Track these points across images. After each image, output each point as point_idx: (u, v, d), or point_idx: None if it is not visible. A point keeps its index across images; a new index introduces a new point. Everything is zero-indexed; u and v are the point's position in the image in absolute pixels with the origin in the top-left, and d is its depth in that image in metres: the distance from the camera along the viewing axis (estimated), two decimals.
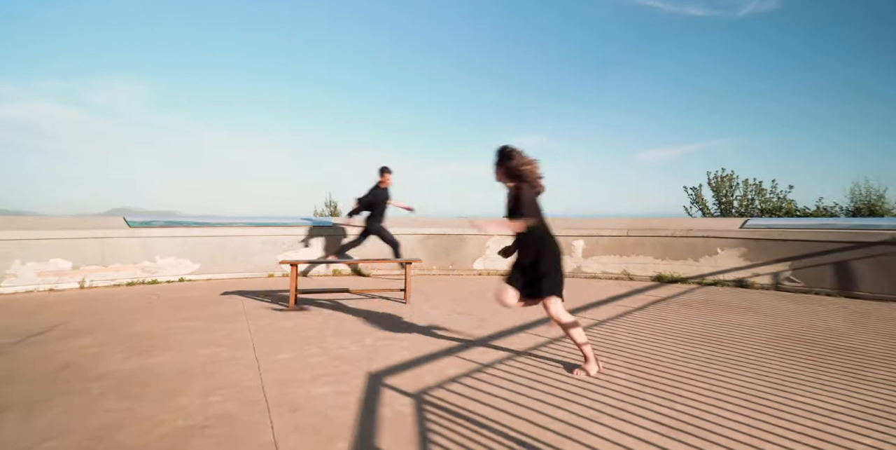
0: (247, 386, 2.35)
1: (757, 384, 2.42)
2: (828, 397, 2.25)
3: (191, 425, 1.90)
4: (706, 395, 2.28)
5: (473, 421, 2.00)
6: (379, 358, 2.88)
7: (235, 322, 3.76)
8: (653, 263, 6.20)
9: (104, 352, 2.89)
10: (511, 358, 2.91)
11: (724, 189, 9.17)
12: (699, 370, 2.65)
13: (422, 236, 6.99)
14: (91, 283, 5.33)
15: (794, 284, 5.21)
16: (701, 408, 2.12)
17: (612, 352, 3.02)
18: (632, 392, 2.33)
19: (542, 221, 2.82)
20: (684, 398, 2.24)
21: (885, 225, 4.89)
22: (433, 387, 2.40)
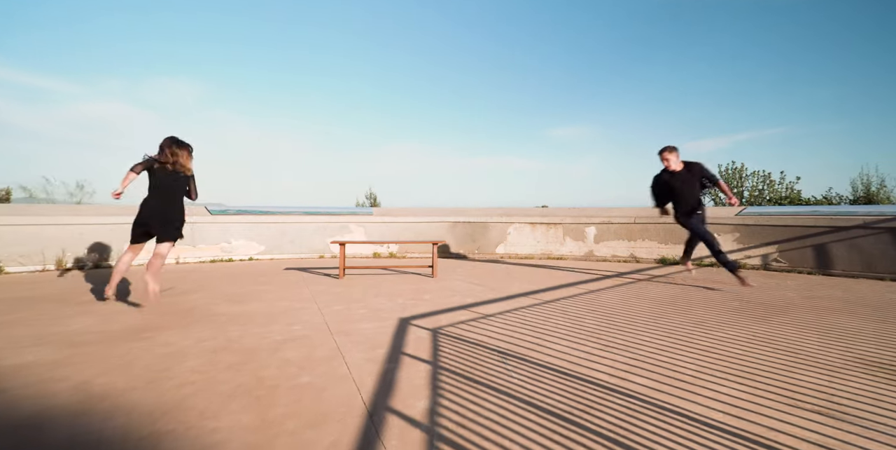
0: (315, 322, 3.37)
1: (692, 327, 3.20)
2: (736, 332, 3.01)
3: (284, 339, 2.92)
4: (648, 331, 3.08)
5: (470, 342, 2.91)
6: (408, 310, 3.83)
7: (299, 287, 4.84)
8: (657, 247, 6.85)
9: (213, 302, 4.02)
10: (509, 312, 3.78)
11: (735, 180, 9.55)
12: (650, 318, 3.44)
13: (450, 224, 7.92)
14: (184, 259, 6.63)
15: (780, 264, 5.76)
16: (638, 338, 2.94)
17: (590, 308, 3.84)
18: (593, 329, 3.17)
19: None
20: (631, 334, 3.05)
21: (860, 212, 5.39)
22: (446, 326, 3.32)
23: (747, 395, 2.07)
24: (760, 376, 2.29)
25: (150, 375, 2.24)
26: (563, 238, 7.56)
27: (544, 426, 1.77)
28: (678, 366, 2.45)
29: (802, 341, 2.90)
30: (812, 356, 2.61)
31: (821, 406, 1.95)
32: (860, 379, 2.26)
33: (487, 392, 2.10)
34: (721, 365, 2.46)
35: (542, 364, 2.48)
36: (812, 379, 2.26)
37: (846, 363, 2.50)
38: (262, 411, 1.86)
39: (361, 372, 2.34)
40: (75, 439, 1.64)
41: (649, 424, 1.79)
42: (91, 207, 6.74)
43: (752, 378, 2.27)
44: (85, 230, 5.97)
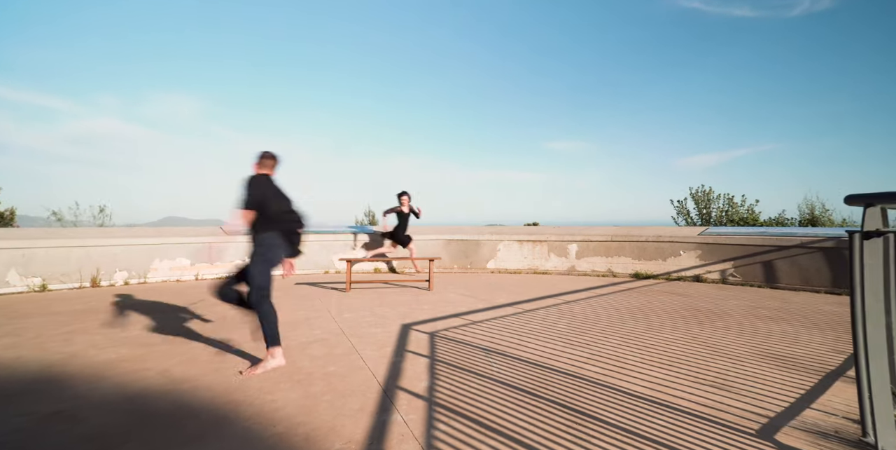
0: (331, 328, 4.03)
1: (644, 331, 3.88)
2: (678, 334, 3.70)
3: (309, 340, 3.58)
4: (607, 334, 3.76)
5: (461, 342, 3.58)
6: (409, 318, 4.50)
7: (311, 300, 5.49)
8: (631, 262, 7.57)
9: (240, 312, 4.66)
10: (495, 319, 4.46)
11: (704, 202, 10.40)
12: (611, 324, 4.12)
13: (445, 241, 8.61)
14: (203, 276, 7.27)
15: (735, 278, 6.49)
16: (598, 339, 3.62)
17: (563, 316, 4.52)
18: (563, 332, 3.85)
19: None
20: (593, 335, 3.73)
21: (799, 233, 6.17)
22: (441, 330, 3.99)
23: (669, 376, 2.75)
24: (683, 364, 2.98)
25: (213, 365, 2.90)
26: (547, 254, 8.26)
27: (515, 397, 2.44)
28: (624, 358, 3.13)
29: (726, 340, 3.60)
30: (727, 351, 3.31)
31: (718, 382, 2.63)
32: (754, 365, 2.96)
33: (473, 377, 2.76)
34: (657, 357, 3.14)
35: (518, 358, 3.15)
36: (720, 366, 2.95)
37: (750, 355, 3.20)
38: (304, 388, 2.52)
39: (374, 364, 3.00)
40: (178, 406, 2.30)
41: (592, 395, 2.46)
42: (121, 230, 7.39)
43: (676, 366, 2.95)
44: (117, 251, 6.62)
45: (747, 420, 2.15)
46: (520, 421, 2.14)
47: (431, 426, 2.08)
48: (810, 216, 8.90)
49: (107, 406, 2.29)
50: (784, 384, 2.62)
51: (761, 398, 2.42)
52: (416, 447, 1.88)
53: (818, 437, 1.99)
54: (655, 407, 2.30)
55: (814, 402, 2.37)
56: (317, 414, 2.19)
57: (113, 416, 2.19)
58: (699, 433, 2.01)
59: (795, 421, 2.15)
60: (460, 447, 1.88)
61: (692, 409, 2.28)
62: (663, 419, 2.15)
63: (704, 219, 10.48)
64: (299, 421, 2.11)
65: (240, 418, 2.15)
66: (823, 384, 2.63)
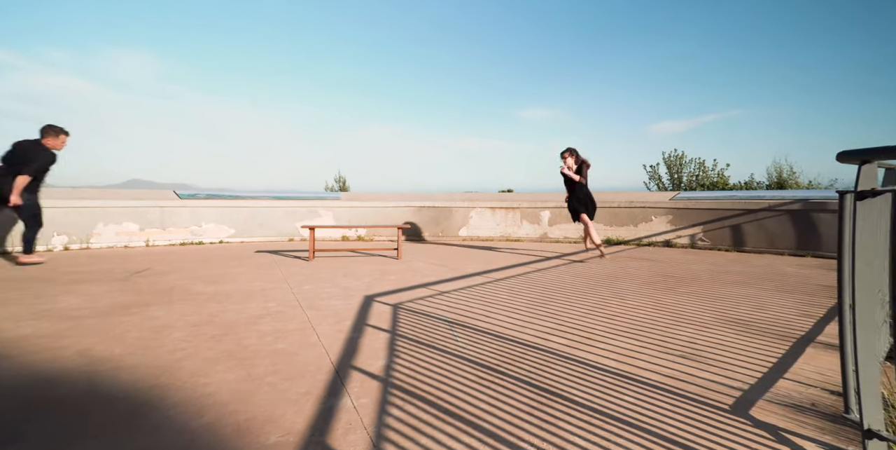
0: (287, 299, 3.76)
1: (610, 298, 3.77)
2: (644, 301, 3.61)
3: (260, 314, 3.30)
4: (575, 302, 3.63)
5: (426, 315, 3.37)
6: (373, 289, 4.26)
7: (270, 269, 5.18)
8: (603, 229, 7.50)
9: (190, 282, 4.32)
10: (463, 289, 4.27)
11: (676, 167, 10.37)
12: (579, 292, 4.00)
13: (416, 208, 8.32)
14: (153, 242, 6.80)
15: (704, 243, 6.52)
16: (566, 308, 3.48)
17: (532, 285, 4.37)
18: (531, 301, 3.69)
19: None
20: (561, 305, 3.59)
21: (766, 196, 6.19)
22: (406, 302, 3.77)
23: (637, 346, 2.62)
24: (649, 333, 2.86)
25: (144, 343, 2.60)
26: (520, 222, 8.10)
27: (477, 375, 2.26)
28: (591, 328, 3.00)
29: (692, 307, 3.52)
30: (692, 317, 3.23)
31: (686, 352, 2.53)
32: (722, 333, 2.87)
33: (435, 353, 2.57)
34: (624, 326, 3.02)
35: (483, 330, 2.98)
36: (687, 334, 2.85)
37: (716, 321, 3.12)
38: (246, 370, 2.27)
39: (329, 340, 2.76)
40: (91, 391, 2.01)
41: (559, 371, 2.30)
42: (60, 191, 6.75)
43: (643, 335, 2.84)
44: (55, 213, 6.05)
45: (720, 394, 2.03)
46: (481, 403, 1.95)
47: (384, 412, 1.87)
48: (778, 179, 9.01)
49: (3, 392, 1.99)
50: (754, 353, 2.54)
51: (732, 369, 2.31)
52: (364, 438, 1.67)
53: (794, 411, 1.88)
54: (624, 382, 2.16)
55: (786, 371, 2.28)
56: (255, 400, 1.95)
57: (8, 403, 1.89)
58: (671, 411, 1.88)
59: (769, 394, 2.04)
60: (413, 437, 1.68)
61: (662, 383, 2.15)
62: (633, 396, 2.01)
63: (676, 184, 10.49)
64: (233, 409, 1.87)
65: (163, 405, 1.89)
66: (794, 352, 2.55)
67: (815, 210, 5.75)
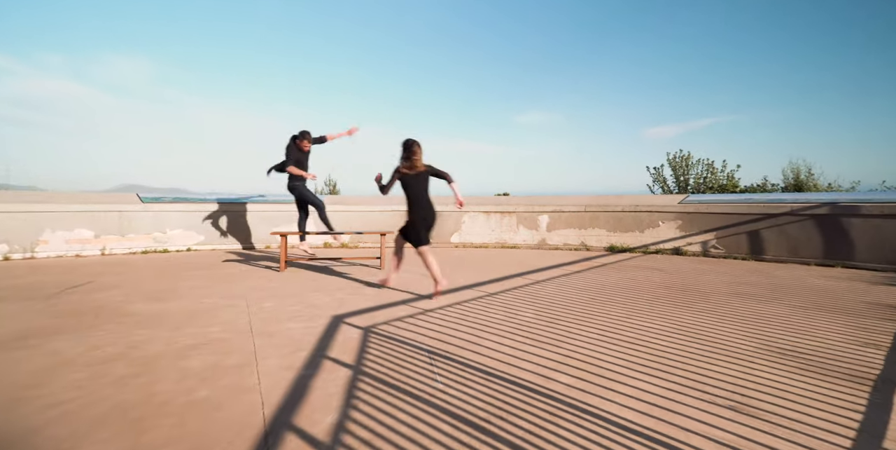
0: (237, 322, 3.12)
1: (622, 318, 3.17)
2: (661, 321, 3.01)
3: (196, 343, 2.67)
4: (580, 324, 3.02)
5: (401, 341, 2.76)
6: (345, 306, 3.64)
7: (232, 282, 4.54)
8: (606, 235, 6.92)
9: (128, 300, 3.68)
10: (450, 306, 3.66)
11: (682, 169, 9.80)
12: (584, 309, 3.39)
13: (404, 212, 7.70)
14: (111, 250, 6.14)
15: (718, 250, 5.95)
16: (570, 332, 2.87)
17: (530, 301, 3.76)
18: (528, 323, 3.09)
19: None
20: (563, 327, 2.98)
21: (787, 199, 5.62)
22: (380, 323, 3.15)
23: (663, 391, 2.02)
24: (677, 369, 2.26)
25: (17, 392, 1.96)
26: (516, 227, 7.51)
27: (457, 439, 1.65)
28: (602, 361, 2.39)
29: (720, 330, 2.93)
30: (725, 345, 2.63)
31: (730, 400, 1.92)
32: (768, 369, 2.27)
33: (405, 400, 1.95)
34: (642, 358, 2.42)
35: (471, 364, 2.37)
36: (724, 371, 2.25)
37: (756, 352, 2.53)
38: (134, 437, 1.64)
39: (272, 382, 2.14)
40: None
41: (565, 428, 1.69)
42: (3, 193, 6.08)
43: (669, 371, 2.23)
44: None
45: None
46: None
47: None
48: (796, 182, 8.45)
49: None
50: (826, 401, 1.94)
51: (805, 430, 1.71)
52: None
53: None
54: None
55: (885, 435, 1.69)
56: None
57: None
58: None
59: None
60: None
61: None
62: None
63: (682, 187, 9.92)
64: None
65: None
66: (881, 401, 1.96)
67: (845, 215, 5.18)
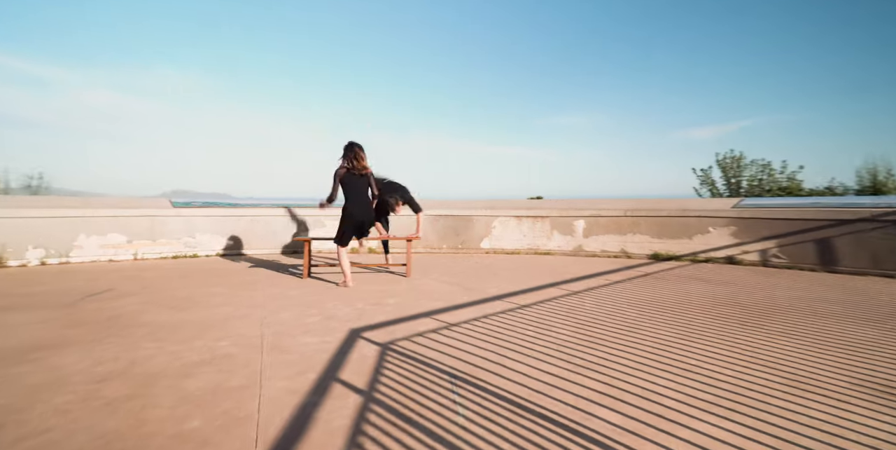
0: (250, 335, 2.94)
1: (676, 338, 2.77)
2: (725, 345, 2.59)
3: (202, 359, 2.49)
4: (626, 344, 2.66)
5: (421, 362, 2.49)
6: (365, 318, 3.40)
7: (253, 289, 4.40)
8: (649, 241, 6.42)
9: (146, 308, 3.58)
10: (477, 319, 3.36)
11: (733, 170, 9.05)
12: (631, 327, 3.01)
13: (433, 217, 7.46)
14: (143, 255, 6.19)
15: (780, 260, 5.35)
16: (615, 354, 2.51)
17: (567, 315, 3.41)
18: (566, 342, 2.75)
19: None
20: (607, 348, 2.63)
21: (866, 203, 4.96)
22: (400, 339, 2.90)
23: (734, 437, 1.65)
24: (751, 409, 1.88)
25: (2, 417, 1.81)
26: (550, 232, 7.12)
27: None
28: (653, 393, 2.03)
29: (798, 357, 2.49)
30: (810, 378, 2.20)
31: None
32: (873, 411, 1.85)
33: (419, 439, 1.68)
34: (705, 392, 2.04)
35: (498, 393, 2.07)
36: (815, 413, 1.85)
37: (851, 386, 2.09)
38: None
39: (272, 410, 1.91)
40: None
41: None
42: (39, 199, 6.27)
43: (741, 412, 1.85)
44: (31, 224, 5.51)
45: None
46: None
47: None
48: (873, 184, 7.61)
49: None
50: None
51: None
52: None
53: None
54: None
55: None
56: None
57: None
58: None
59: None
60: None
61: None
62: None
63: (733, 190, 9.17)
64: None
65: None
66: None
67: None
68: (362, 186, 4.60)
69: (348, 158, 4.54)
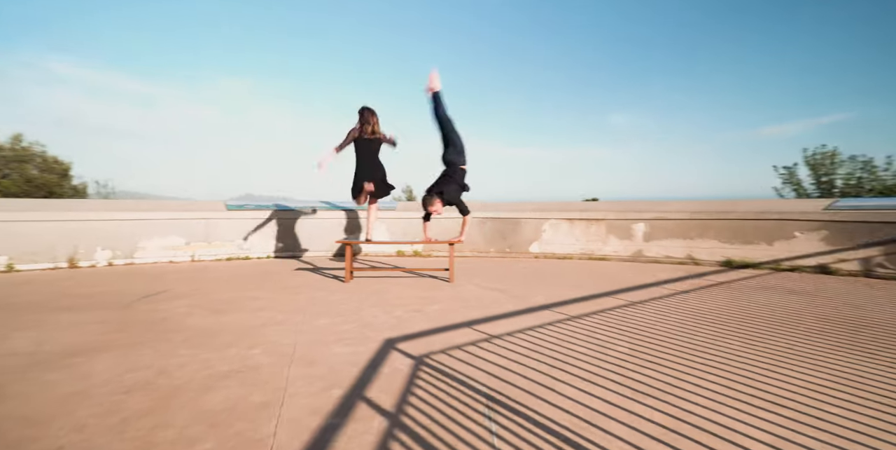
0: (283, 344, 2.84)
1: (760, 362, 2.34)
2: (826, 372, 2.12)
3: (230, 370, 2.40)
4: (698, 368, 2.27)
5: (456, 379, 2.25)
6: (402, 327, 3.22)
7: (296, 293, 4.37)
8: (720, 247, 5.77)
9: (192, 311, 3.62)
10: (522, 331, 3.07)
11: (825, 168, 7.93)
12: (702, 346, 2.60)
13: (479, 220, 7.21)
14: (199, 257, 6.44)
15: (887, 270, 4.56)
16: (684, 380, 2.14)
17: (625, 329, 3.04)
18: (624, 361, 2.41)
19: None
20: (674, 371, 2.26)
21: None
22: (436, 352, 2.68)
23: None
24: None
25: (22, 431, 1.77)
26: (606, 236, 6.63)
27: None
28: (737, 433, 1.66)
29: None
30: None
31: None
32: None
33: None
34: (802, 433, 1.64)
35: (542, 422, 1.79)
36: None
37: None
38: None
39: (290, 433, 1.75)
40: None
41: None
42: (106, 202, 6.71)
43: None
44: (99, 226, 5.87)
45: None
46: None
47: None
48: None
49: None
50: None
51: None
52: None
53: None
54: None
55: None
56: None
57: None
58: None
59: None
60: None
61: None
62: None
63: (825, 190, 8.09)
64: None
65: None
66: None
67: None
68: (370, 149, 5.16)
69: (360, 121, 5.04)
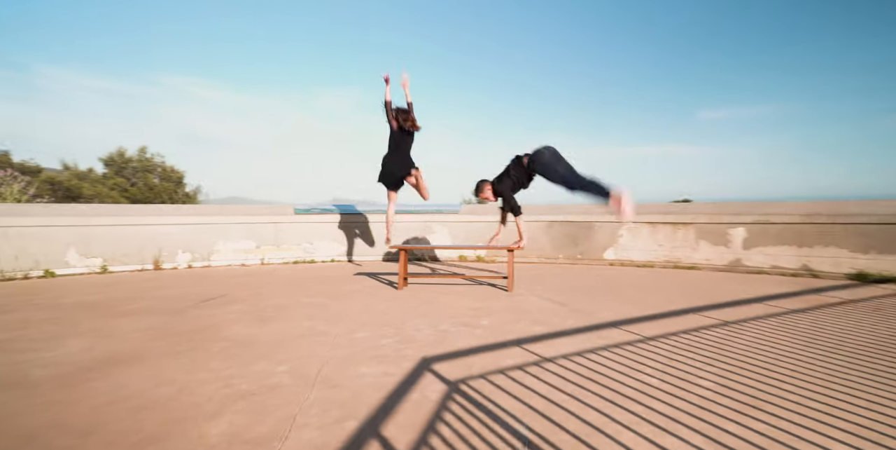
0: (312, 360, 2.63)
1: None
2: None
3: (248, 390, 2.21)
4: (812, 413, 1.67)
5: (491, 414, 1.89)
6: (445, 343, 2.90)
7: (348, 300, 4.24)
8: (849, 257, 4.71)
9: (240, 318, 3.59)
10: (580, 354, 2.61)
11: None
12: (818, 382, 1.95)
13: (546, 223, 6.67)
14: (268, 260, 6.66)
15: None
16: (792, 427, 1.57)
17: (714, 356, 2.44)
18: (701, 398, 1.88)
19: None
20: (778, 416, 1.69)
21: None
22: (475, 376, 2.32)
23: None
24: None
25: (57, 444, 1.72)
26: (695, 242, 5.76)
27: None
28: None
29: None
30: None
31: None
32: None
33: None
34: None
35: None
36: None
37: None
38: None
39: None
40: None
41: None
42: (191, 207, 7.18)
43: None
44: (179, 230, 6.27)
45: None
46: None
47: None
48: None
49: None
50: None
51: None
52: None
53: None
54: None
55: None
56: None
57: None
58: None
59: None
60: None
61: None
62: None
63: None
64: None
65: None
66: None
67: None
68: (404, 142, 5.43)
69: (405, 119, 5.30)
